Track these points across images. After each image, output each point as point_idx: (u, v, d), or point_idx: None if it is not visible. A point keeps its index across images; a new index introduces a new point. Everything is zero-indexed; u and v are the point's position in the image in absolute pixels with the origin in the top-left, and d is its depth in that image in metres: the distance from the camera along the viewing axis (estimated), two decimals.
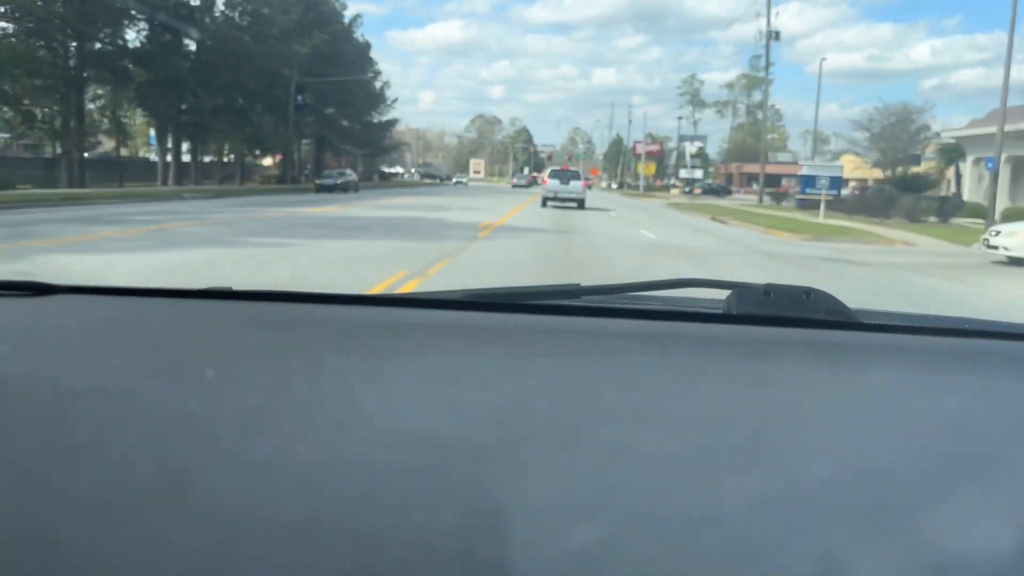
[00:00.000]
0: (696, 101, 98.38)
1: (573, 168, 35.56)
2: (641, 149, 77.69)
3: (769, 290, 1.08)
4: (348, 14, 54.97)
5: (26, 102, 29.36)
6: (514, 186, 70.89)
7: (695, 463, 0.60)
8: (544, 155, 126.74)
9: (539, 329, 1.00)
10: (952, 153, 39.77)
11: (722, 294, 1.13)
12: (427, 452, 0.59)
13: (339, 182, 38.86)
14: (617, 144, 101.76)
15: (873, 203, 30.74)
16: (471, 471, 0.57)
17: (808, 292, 1.09)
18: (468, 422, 0.67)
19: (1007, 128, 23.22)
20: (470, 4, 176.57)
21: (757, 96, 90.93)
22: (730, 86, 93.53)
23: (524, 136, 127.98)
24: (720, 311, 1.11)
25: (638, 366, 0.88)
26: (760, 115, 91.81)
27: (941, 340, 1.08)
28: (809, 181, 35.18)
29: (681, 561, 0.46)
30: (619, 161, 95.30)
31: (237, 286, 1.15)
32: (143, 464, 0.56)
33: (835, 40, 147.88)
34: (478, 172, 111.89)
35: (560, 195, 32.84)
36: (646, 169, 75.83)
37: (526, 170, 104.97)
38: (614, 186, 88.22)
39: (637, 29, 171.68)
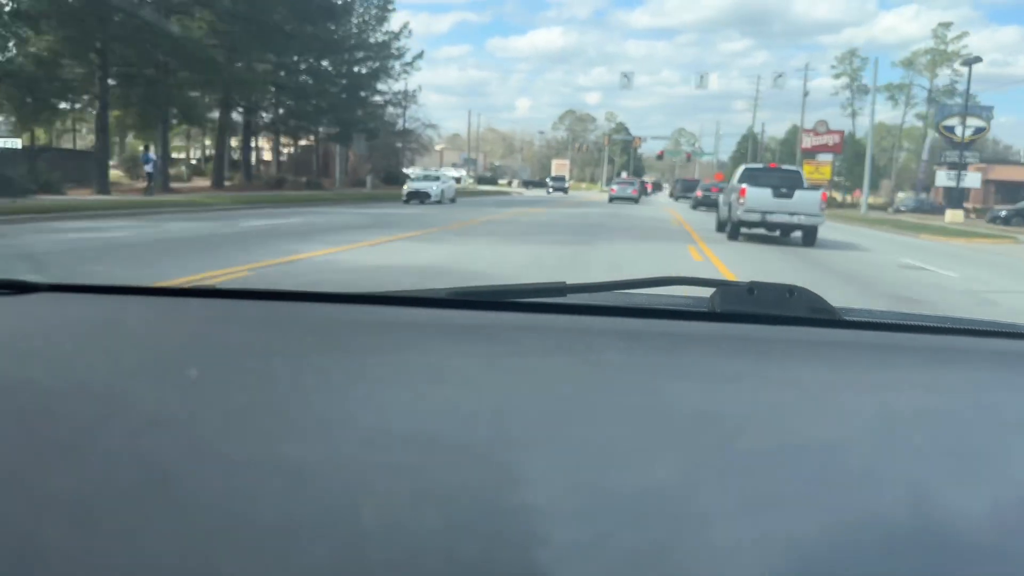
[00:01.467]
0: (858, 86, 79.06)
1: (788, 167, 18.91)
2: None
3: (753, 288, 1.12)
4: None
5: None
6: (613, 198, 43.28)
7: (679, 461, 0.61)
8: (652, 155, 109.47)
9: (524, 327, 1.03)
10: None
11: (707, 292, 1.15)
12: (411, 451, 0.60)
13: None
14: (748, 140, 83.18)
15: None
16: (456, 470, 0.58)
17: (792, 290, 1.13)
18: (452, 420, 0.68)
19: None
20: (571, 10, 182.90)
21: (943, 79, 70.95)
22: (907, 63, 73.56)
23: (622, 132, 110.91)
24: (704, 309, 1.14)
25: (623, 364, 0.91)
26: (949, 101, 72.08)
27: (923, 337, 1.14)
28: None
29: (666, 560, 0.47)
30: (752, 160, 77.03)
31: None
32: (126, 464, 0.56)
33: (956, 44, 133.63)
34: (561, 176, 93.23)
35: (775, 217, 16.20)
36: (817, 172, 54.46)
37: (623, 174, 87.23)
38: None
39: (742, 33, 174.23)
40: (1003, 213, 39.16)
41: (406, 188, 30.70)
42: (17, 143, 31.18)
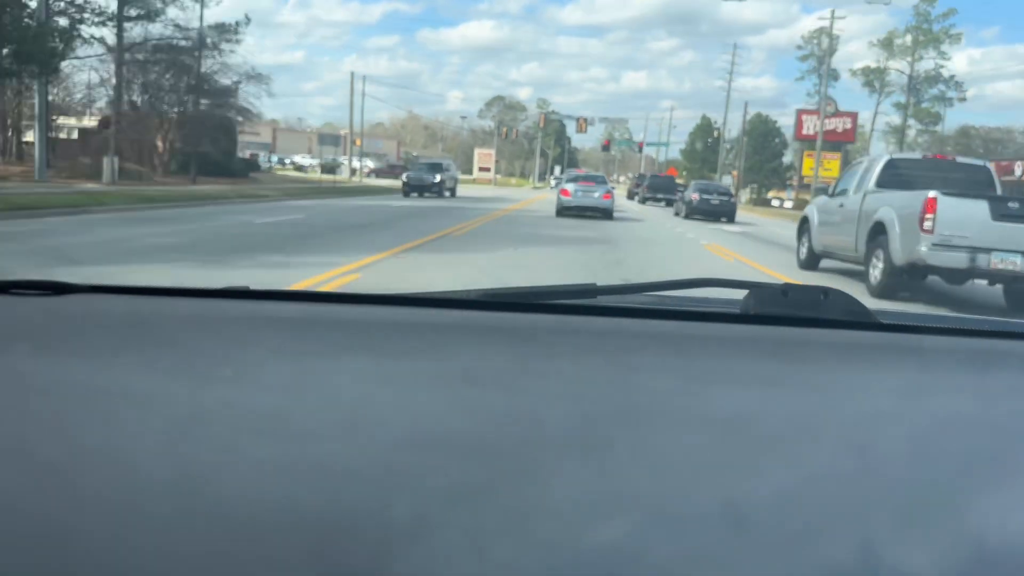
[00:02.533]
0: (828, 69, 72.75)
1: (967, 160, 12.18)
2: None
3: (787, 290, 1.15)
4: None
5: None
6: (567, 208, 22.64)
7: (712, 464, 0.64)
8: (588, 148, 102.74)
9: (555, 329, 1.06)
10: None
11: (740, 294, 1.18)
12: (443, 452, 0.63)
13: None
14: (706, 130, 76.21)
15: None
16: (486, 471, 0.60)
17: (826, 292, 1.16)
18: (483, 422, 0.71)
19: None
20: (503, 4, 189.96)
21: (927, 62, 65.02)
22: (885, 44, 66.81)
23: (556, 124, 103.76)
24: (737, 311, 1.17)
25: (654, 366, 0.94)
26: (937, 89, 66.47)
27: (960, 340, 1.17)
28: None
29: (698, 564, 0.49)
30: (717, 156, 70.01)
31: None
32: (159, 463, 0.59)
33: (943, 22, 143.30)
34: (486, 168, 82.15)
35: (1000, 259, 8.21)
36: (822, 169, 41.68)
37: (555, 169, 79.29)
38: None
39: (670, 32, 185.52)
40: None
41: None
42: None
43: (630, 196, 52.93)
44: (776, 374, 0.92)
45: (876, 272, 9.13)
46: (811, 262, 11.86)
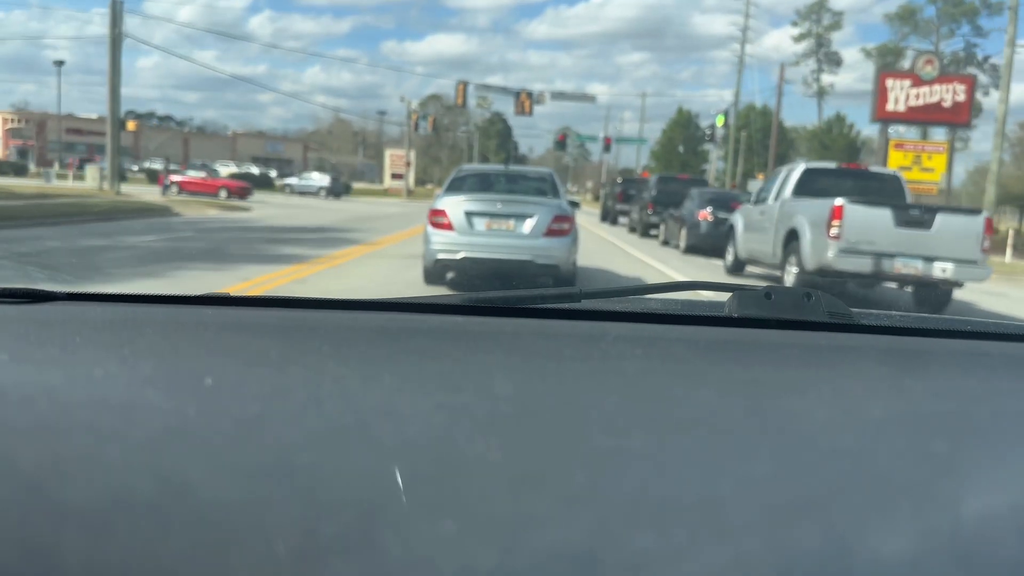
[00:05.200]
0: (828, 54, 74.78)
1: (880, 170, 16.48)
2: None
3: (770, 292, 1.35)
4: None
5: None
6: (441, 268, 9.91)
7: (696, 468, 0.74)
8: (536, 154, 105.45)
9: (539, 333, 1.23)
10: None
11: (723, 297, 1.40)
12: (426, 459, 0.72)
13: None
14: (684, 123, 78.21)
15: None
16: (471, 478, 0.69)
17: (809, 294, 1.36)
18: (467, 428, 0.81)
19: None
20: (472, 18, 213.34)
21: (957, 42, 65.27)
22: (904, 15, 64.45)
23: (499, 126, 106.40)
24: (721, 314, 1.37)
25: (639, 370, 1.08)
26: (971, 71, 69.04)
27: (942, 342, 1.37)
28: None
29: (681, 568, 0.56)
30: (700, 158, 72.39)
31: None
32: (140, 473, 0.67)
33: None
34: (399, 176, 75.48)
35: (901, 264, 11.20)
36: (919, 169, 28.85)
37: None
38: None
39: (635, 46, 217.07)
40: None
41: None
42: None
43: (605, 217, 39.79)
44: (759, 377, 1.06)
45: (790, 277, 11.23)
46: (736, 268, 14.68)
